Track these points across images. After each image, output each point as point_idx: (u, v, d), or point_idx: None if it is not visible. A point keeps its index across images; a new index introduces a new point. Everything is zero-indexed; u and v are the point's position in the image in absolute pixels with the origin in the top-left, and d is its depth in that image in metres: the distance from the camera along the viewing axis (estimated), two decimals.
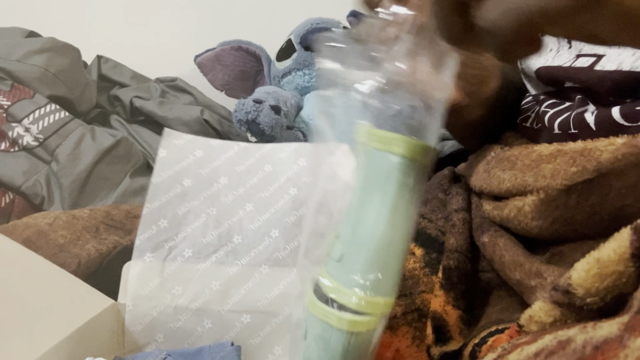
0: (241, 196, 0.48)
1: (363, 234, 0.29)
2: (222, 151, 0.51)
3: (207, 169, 0.49)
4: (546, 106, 0.46)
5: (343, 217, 0.30)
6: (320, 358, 0.29)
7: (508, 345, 0.26)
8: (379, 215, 0.29)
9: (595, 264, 0.24)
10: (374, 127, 0.30)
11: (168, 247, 0.44)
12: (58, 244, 0.48)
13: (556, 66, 0.44)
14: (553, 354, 0.22)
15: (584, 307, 0.26)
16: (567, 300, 0.26)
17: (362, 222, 0.29)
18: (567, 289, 0.26)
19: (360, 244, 0.29)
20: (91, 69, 1.01)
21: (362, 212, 0.29)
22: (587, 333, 0.21)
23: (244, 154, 0.51)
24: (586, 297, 0.25)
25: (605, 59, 0.40)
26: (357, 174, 0.30)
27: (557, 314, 0.26)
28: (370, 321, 0.29)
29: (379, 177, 0.29)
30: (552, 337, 0.23)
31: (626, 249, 0.24)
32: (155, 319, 0.42)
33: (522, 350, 0.24)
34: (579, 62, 0.42)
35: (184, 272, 0.43)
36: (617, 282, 0.24)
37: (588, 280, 0.25)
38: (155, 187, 0.47)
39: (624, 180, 0.36)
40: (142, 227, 0.45)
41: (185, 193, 0.48)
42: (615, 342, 0.19)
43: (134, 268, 0.43)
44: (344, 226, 0.30)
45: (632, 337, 0.19)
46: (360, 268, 0.29)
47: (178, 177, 0.48)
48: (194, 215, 0.47)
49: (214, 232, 0.46)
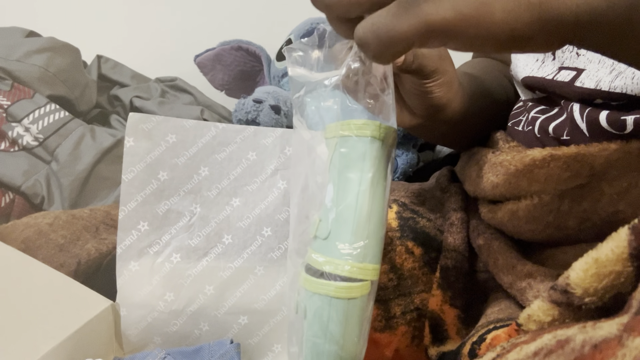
0: (226, 190, 0.45)
1: (346, 209, 0.33)
2: (198, 134, 0.45)
3: (184, 157, 0.45)
4: (536, 112, 0.46)
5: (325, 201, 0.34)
6: (324, 330, 0.32)
7: (507, 344, 0.26)
8: (359, 190, 0.33)
9: (594, 263, 0.25)
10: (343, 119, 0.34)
11: (153, 253, 0.42)
12: (58, 244, 0.48)
13: (540, 77, 0.45)
14: (552, 352, 0.22)
15: (582, 307, 0.26)
16: (565, 300, 0.26)
17: (344, 199, 0.33)
18: (566, 289, 0.26)
19: (344, 219, 0.33)
20: (91, 68, 1.01)
21: (343, 191, 0.33)
22: (587, 333, 0.21)
23: (223, 138, 0.46)
24: (584, 297, 0.25)
25: (585, 74, 0.40)
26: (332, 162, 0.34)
27: (556, 313, 0.26)
28: (363, 286, 0.32)
29: (355, 158, 0.33)
30: (551, 336, 0.23)
31: (624, 249, 0.24)
32: (150, 324, 0.41)
33: (521, 349, 0.24)
34: (561, 75, 0.43)
35: (174, 278, 0.42)
36: (615, 281, 0.24)
37: (586, 280, 0.25)
38: (127, 186, 0.43)
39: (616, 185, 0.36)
40: (120, 233, 0.42)
41: (163, 189, 0.43)
42: (613, 341, 0.19)
43: (121, 278, 0.41)
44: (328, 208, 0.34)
45: (630, 336, 0.19)
46: (348, 239, 0.32)
47: (151, 170, 0.43)
48: (176, 214, 0.43)
49: (201, 232, 0.43)
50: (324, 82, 0.35)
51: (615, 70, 0.38)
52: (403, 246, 0.48)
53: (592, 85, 0.39)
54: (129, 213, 0.43)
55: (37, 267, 0.42)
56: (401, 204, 0.52)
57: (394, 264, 0.48)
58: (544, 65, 0.46)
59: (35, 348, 0.35)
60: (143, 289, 0.41)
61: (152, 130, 0.44)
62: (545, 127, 0.43)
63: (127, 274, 0.42)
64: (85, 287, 0.41)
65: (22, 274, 0.41)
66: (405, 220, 0.50)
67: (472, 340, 0.38)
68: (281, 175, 0.46)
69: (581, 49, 0.42)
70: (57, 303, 0.40)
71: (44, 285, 0.41)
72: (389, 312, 0.48)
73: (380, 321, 0.48)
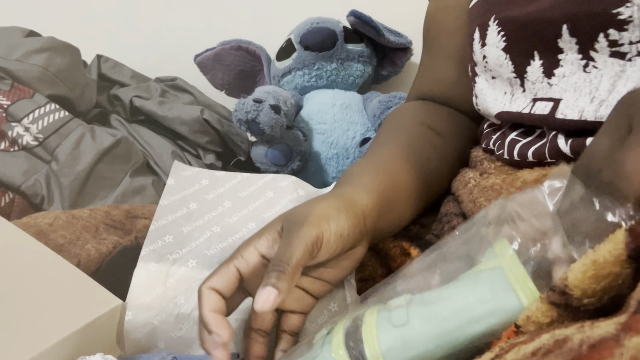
0: (244, 217, 0.50)
1: (433, 326, 0.30)
2: (226, 180, 0.54)
3: (212, 194, 0.52)
4: (516, 135, 0.46)
5: (428, 291, 0.31)
6: None
7: (506, 344, 0.26)
8: (457, 326, 0.29)
9: (592, 265, 0.25)
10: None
11: (172, 259, 0.45)
12: (58, 244, 0.48)
13: (516, 112, 0.45)
14: (550, 352, 0.22)
15: (580, 308, 0.26)
16: (563, 301, 0.26)
17: (440, 315, 0.30)
18: (564, 290, 0.26)
19: (425, 334, 0.30)
20: (91, 68, 1.01)
21: (447, 309, 0.30)
22: (584, 332, 0.21)
23: (246, 183, 0.54)
24: (583, 298, 0.25)
25: (564, 103, 0.40)
26: (473, 272, 0.30)
27: (554, 314, 0.26)
28: None
29: (490, 299, 0.29)
30: (550, 336, 0.23)
31: (622, 251, 0.24)
32: (156, 327, 0.42)
33: (519, 349, 0.24)
34: (538, 108, 0.43)
35: (188, 281, 0.44)
36: (613, 283, 0.24)
37: (585, 282, 0.25)
38: (162, 209, 0.50)
39: None
40: (147, 241, 0.46)
41: (191, 214, 0.50)
42: (611, 340, 0.19)
43: (138, 276, 0.43)
44: (423, 301, 0.31)
45: (628, 335, 0.19)
46: (407, 357, 0.29)
47: (184, 200, 0.51)
48: (199, 232, 0.48)
49: (218, 245, 0.47)
50: None
51: (596, 98, 0.38)
52: (397, 247, 0.48)
53: (576, 116, 0.39)
54: (158, 227, 0.48)
55: (53, 258, 0.42)
56: None
57: (390, 268, 0.48)
58: (515, 98, 0.45)
59: (45, 337, 0.35)
60: (157, 289, 0.43)
61: (190, 176, 0.54)
62: (524, 152, 0.43)
63: (145, 273, 0.44)
64: (97, 284, 0.41)
65: (37, 263, 0.42)
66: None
67: None
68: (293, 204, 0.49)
69: (552, 79, 0.42)
70: (68, 296, 0.40)
71: (58, 276, 0.41)
72: None
73: None
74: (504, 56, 0.44)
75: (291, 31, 0.97)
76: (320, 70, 0.94)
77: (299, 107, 0.95)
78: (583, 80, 0.40)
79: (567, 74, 0.41)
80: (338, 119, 0.91)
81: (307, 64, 0.94)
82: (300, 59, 0.94)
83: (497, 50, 0.45)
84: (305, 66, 0.94)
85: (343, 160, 0.91)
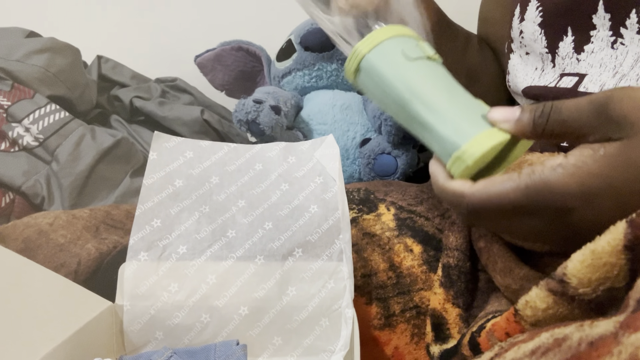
0: (233, 194, 0.49)
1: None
2: (212, 152, 0.52)
3: (198, 169, 0.50)
4: None
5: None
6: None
7: (505, 344, 0.27)
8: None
9: (590, 255, 0.25)
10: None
11: (162, 246, 0.45)
12: (58, 244, 0.48)
13: (542, 86, 0.45)
14: (549, 351, 0.22)
15: (575, 297, 0.26)
16: (560, 289, 0.27)
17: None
18: (562, 278, 0.27)
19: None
20: (91, 69, 1.01)
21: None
22: (584, 331, 0.21)
23: (233, 155, 0.52)
24: (579, 288, 0.26)
25: (588, 79, 0.41)
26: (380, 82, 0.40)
27: (550, 301, 0.27)
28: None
29: (399, 56, 0.39)
30: (549, 334, 0.23)
31: (619, 241, 0.24)
32: (154, 317, 0.42)
33: (519, 348, 0.24)
34: (564, 82, 0.43)
35: (180, 268, 0.44)
36: (608, 274, 0.25)
37: (582, 271, 0.26)
38: (147, 189, 0.48)
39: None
40: (135, 227, 0.46)
41: (177, 193, 0.48)
42: (610, 338, 0.19)
43: (129, 268, 0.44)
44: None
45: (626, 333, 0.19)
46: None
47: (169, 178, 0.49)
48: (187, 213, 0.47)
49: (208, 228, 0.46)
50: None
51: (618, 73, 0.39)
52: (401, 244, 0.48)
53: (597, 89, 0.40)
54: (145, 211, 0.47)
55: (36, 269, 0.42)
56: (398, 207, 0.52)
57: (393, 263, 0.48)
58: (544, 73, 0.46)
59: (34, 350, 0.35)
60: (150, 278, 0.43)
61: (173, 148, 0.51)
62: None
63: (136, 263, 0.44)
64: (84, 289, 0.41)
65: (20, 276, 0.41)
66: (402, 220, 0.51)
67: (472, 330, 0.38)
68: (284, 178, 0.50)
69: (581, 54, 0.43)
70: (56, 305, 0.40)
71: (43, 287, 0.41)
72: (388, 310, 0.48)
73: (380, 319, 0.48)
74: (539, 31, 0.46)
75: (291, 32, 0.97)
76: (320, 71, 0.94)
77: (299, 108, 0.95)
78: (610, 56, 0.41)
79: (596, 50, 0.42)
80: (338, 119, 0.91)
81: (308, 64, 0.94)
82: (300, 60, 0.94)
83: (534, 25, 0.47)
84: (306, 67, 0.94)
85: (343, 161, 0.91)
